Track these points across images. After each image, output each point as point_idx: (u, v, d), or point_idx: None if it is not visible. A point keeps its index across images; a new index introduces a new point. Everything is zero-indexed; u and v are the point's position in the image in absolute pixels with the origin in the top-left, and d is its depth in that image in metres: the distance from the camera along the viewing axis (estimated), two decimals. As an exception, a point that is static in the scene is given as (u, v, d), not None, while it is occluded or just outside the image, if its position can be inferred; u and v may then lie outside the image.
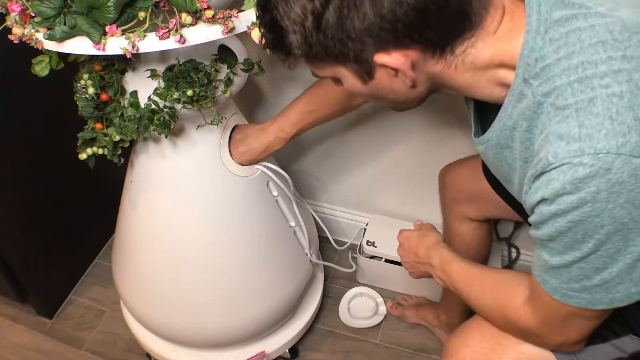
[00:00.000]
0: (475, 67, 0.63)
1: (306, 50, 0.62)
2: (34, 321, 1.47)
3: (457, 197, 1.14)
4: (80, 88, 0.89)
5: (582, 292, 0.63)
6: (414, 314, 1.42)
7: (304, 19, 0.59)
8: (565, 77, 0.57)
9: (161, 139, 0.96)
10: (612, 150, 0.53)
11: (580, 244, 0.59)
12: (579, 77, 0.56)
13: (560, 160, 0.55)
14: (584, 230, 0.57)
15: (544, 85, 0.58)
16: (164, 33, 0.72)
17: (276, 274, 1.14)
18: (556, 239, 0.60)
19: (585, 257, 0.60)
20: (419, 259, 0.92)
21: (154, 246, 1.07)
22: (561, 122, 0.56)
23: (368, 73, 0.64)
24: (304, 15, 0.59)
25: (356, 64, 0.63)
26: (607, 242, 0.58)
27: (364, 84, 0.66)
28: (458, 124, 1.25)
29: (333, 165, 1.47)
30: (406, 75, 0.62)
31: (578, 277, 0.62)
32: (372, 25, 0.57)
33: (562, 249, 0.61)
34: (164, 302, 1.11)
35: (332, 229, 1.60)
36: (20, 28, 0.76)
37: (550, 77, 0.58)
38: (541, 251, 0.64)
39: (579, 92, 0.56)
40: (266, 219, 1.09)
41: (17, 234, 1.31)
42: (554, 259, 0.62)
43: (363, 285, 1.52)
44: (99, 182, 1.47)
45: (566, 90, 0.57)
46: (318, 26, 0.59)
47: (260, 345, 1.26)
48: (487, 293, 0.79)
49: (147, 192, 1.03)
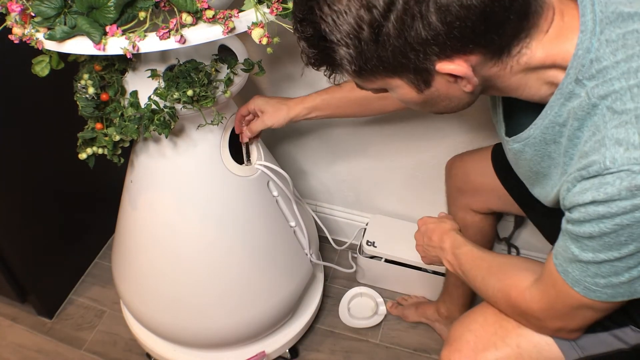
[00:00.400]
0: (528, 67, 0.61)
1: (360, 64, 0.58)
2: (34, 321, 1.47)
3: (462, 188, 1.14)
4: (81, 88, 0.89)
5: (605, 288, 0.63)
6: (414, 312, 1.43)
7: (359, 31, 0.55)
8: (624, 81, 0.56)
9: (161, 139, 0.96)
10: None
11: (621, 245, 0.59)
12: (639, 81, 0.55)
13: (619, 166, 0.55)
14: (629, 233, 0.57)
15: (601, 87, 0.57)
16: (164, 33, 0.72)
17: (276, 273, 1.14)
18: (596, 238, 0.59)
19: (622, 258, 0.60)
20: (431, 242, 0.93)
21: (154, 246, 1.07)
22: (619, 128, 0.55)
23: (425, 82, 0.61)
24: (358, 27, 0.54)
25: (414, 75, 0.60)
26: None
27: (418, 93, 0.63)
28: (458, 124, 1.25)
29: (333, 165, 1.47)
30: (470, 81, 0.60)
31: (607, 273, 0.62)
32: (438, 34, 0.54)
33: (599, 248, 0.60)
34: (164, 302, 1.11)
35: (332, 229, 1.60)
36: (20, 28, 0.76)
37: (608, 80, 0.57)
38: (571, 244, 0.63)
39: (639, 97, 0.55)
40: (266, 219, 1.09)
41: (17, 234, 1.31)
42: (586, 255, 0.62)
43: (363, 286, 1.52)
44: (99, 182, 1.47)
45: (625, 94, 0.56)
46: (376, 39, 0.55)
47: (260, 345, 1.26)
48: (494, 274, 0.79)
49: (147, 192, 1.03)
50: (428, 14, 0.53)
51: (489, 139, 1.23)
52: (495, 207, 1.12)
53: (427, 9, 0.53)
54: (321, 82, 1.26)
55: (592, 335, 0.77)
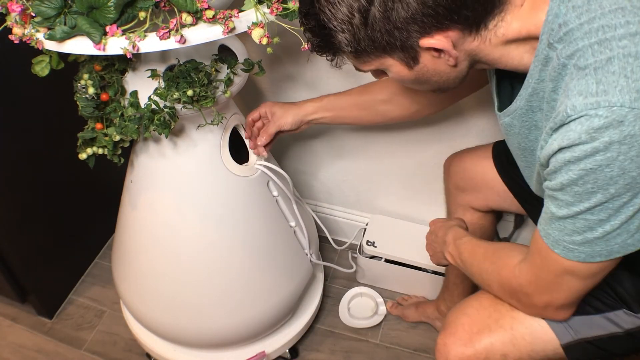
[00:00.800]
0: (506, 40, 0.67)
1: (355, 46, 0.67)
2: (34, 321, 1.47)
3: (461, 185, 1.15)
4: (81, 88, 0.89)
5: (582, 245, 0.66)
6: (414, 311, 1.43)
7: (351, 17, 0.64)
8: (586, 40, 0.61)
9: (161, 139, 0.96)
10: (625, 104, 0.57)
11: (589, 194, 0.62)
12: (599, 39, 0.60)
13: (578, 112, 0.59)
14: (594, 179, 0.61)
15: (567, 48, 0.62)
16: (164, 33, 0.72)
17: (276, 274, 1.14)
18: (567, 187, 0.63)
19: (592, 208, 0.63)
20: (437, 238, 0.99)
21: (154, 246, 1.07)
22: (580, 80, 0.60)
23: (414, 58, 0.69)
24: (350, 14, 0.64)
25: (402, 52, 0.68)
26: (615, 194, 0.61)
27: (409, 70, 0.71)
28: (458, 124, 1.25)
29: (333, 165, 1.47)
30: (450, 54, 0.67)
31: (582, 228, 0.65)
32: (416, 13, 0.62)
33: (570, 200, 0.64)
34: (164, 302, 1.11)
35: (332, 229, 1.60)
36: (20, 28, 0.76)
37: (573, 40, 0.62)
38: (550, 204, 0.68)
39: (598, 52, 0.60)
40: (266, 219, 1.09)
41: (17, 234, 1.31)
42: (562, 211, 0.65)
43: (363, 285, 1.52)
44: (99, 182, 1.47)
45: (587, 51, 0.60)
46: (365, 22, 0.64)
47: (260, 345, 1.26)
48: (488, 258, 0.84)
49: (147, 192, 1.03)
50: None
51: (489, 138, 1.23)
52: (495, 205, 1.12)
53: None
54: (321, 82, 1.26)
55: (585, 318, 0.80)
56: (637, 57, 0.59)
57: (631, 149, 0.58)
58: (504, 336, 0.82)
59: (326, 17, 0.65)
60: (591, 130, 0.58)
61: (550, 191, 0.67)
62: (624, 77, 0.58)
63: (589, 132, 0.58)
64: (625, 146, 0.58)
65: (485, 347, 0.83)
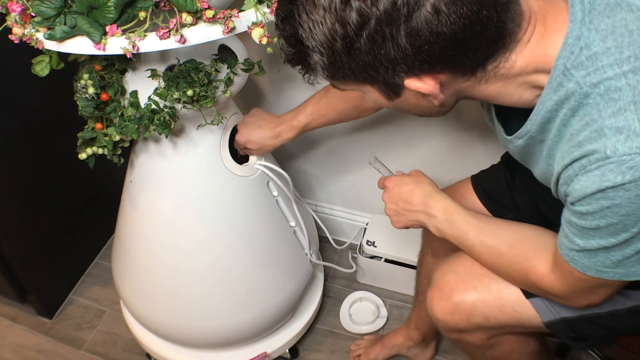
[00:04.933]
0: (506, 77, 0.62)
1: (333, 72, 0.60)
2: (34, 321, 1.47)
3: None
4: (80, 88, 0.89)
5: (617, 268, 0.63)
6: (381, 349, 1.32)
7: (332, 42, 0.56)
8: (617, 68, 0.56)
9: (161, 139, 0.96)
10: None
11: (626, 232, 0.59)
12: (633, 67, 0.55)
13: (620, 155, 0.54)
14: (635, 220, 0.57)
15: (593, 75, 0.57)
16: (164, 33, 0.72)
17: (276, 274, 1.14)
18: (603, 228, 0.60)
19: (628, 241, 0.60)
20: (411, 206, 0.87)
21: (153, 246, 1.07)
22: (618, 116, 0.55)
23: (395, 93, 0.63)
24: (332, 39, 0.56)
25: (385, 86, 0.62)
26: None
27: (388, 101, 0.66)
28: (458, 122, 1.25)
29: (333, 165, 1.47)
30: (436, 98, 0.62)
31: (616, 257, 0.62)
32: (406, 56, 0.56)
33: (606, 236, 0.60)
34: (163, 302, 1.11)
35: (332, 229, 1.60)
36: (20, 28, 0.76)
37: (600, 67, 0.56)
38: (575, 237, 0.64)
39: (635, 83, 0.55)
40: (266, 219, 1.09)
41: (17, 234, 1.31)
42: (592, 243, 0.62)
43: (363, 285, 1.52)
44: (99, 182, 1.47)
45: (620, 80, 0.55)
46: (348, 51, 0.57)
47: (260, 346, 1.26)
48: (506, 252, 0.78)
49: (147, 192, 1.03)
50: (398, 36, 0.55)
51: (486, 135, 1.23)
52: None
53: (398, 31, 0.54)
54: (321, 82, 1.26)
55: None
56: None
57: None
58: (491, 300, 0.81)
59: (305, 33, 0.58)
60: (637, 179, 0.54)
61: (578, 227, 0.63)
62: None
63: (635, 180, 0.54)
64: None
65: (469, 306, 0.81)
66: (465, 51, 0.57)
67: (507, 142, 0.75)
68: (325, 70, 0.60)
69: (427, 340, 1.30)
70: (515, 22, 0.58)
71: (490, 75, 0.62)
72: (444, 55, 0.56)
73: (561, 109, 0.61)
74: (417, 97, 0.63)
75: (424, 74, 0.59)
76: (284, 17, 0.60)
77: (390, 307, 1.48)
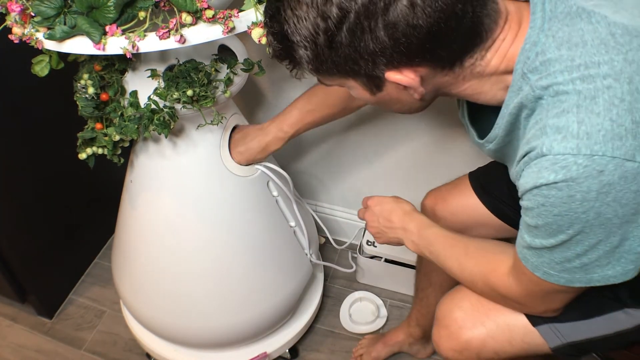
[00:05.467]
0: (482, 75, 0.64)
1: (317, 65, 0.63)
2: (34, 321, 1.47)
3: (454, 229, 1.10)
4: (80, 88, 0.89)
5: (561, 272, 0.65)
6: (382, 347, 1.33)
7: (315, 36, 0.59)
8: (567, 74, 0.58)
9: (161, 139, 0.96)
10: (607, 153, 0.55)
11: (564, 233, 0.61)
12: (581, 74, 0.57)
13: (554, 153, 0.56)
14: (569, 222, 0.59)
15: (544, 79, 0.59)
16: (164, 33, 0.72)
17: (276, 274, 1.14)
18: (541, 227, 0.62)
19: (567, 243, 0.62)
20: (391, 224, 0.91)
21: (153, 246, 1.07)
22: (560, 116, 0.57)
23: (377, 86, 0.65)
24: (315, 33, 0.59)
25: (367, 79, 0.64)
26: (590, 233, 0.60)
27: (371, 95, 0.67)
28: (457, 125, 1.25)
29: (333, 165, 1.47)
30: (416, 90, 0.64)
31: (559, 259, 0.64)
32: (385, 48, 0.58)
33: (545, 235, 0.63)
34: (163, 302, 1.11)
35: (332, 229, 1.60)
36: (20, 28, 0.76)
37: (552, 73, 0.59)
38: (524, 232, 0.66)
39: (582, 89, 0.57)
40: (266, 219, 1.09)
41: (17, 234, 1.31)
42: (536, 242, 0.64)
43: (363, 285, 1.52)
44: (99, 182, 1.47)
45: (567, 85, 0.57)
46: (330, 45, 0.59)
47: (260, 346, 1.26)
48: (472, 257, 0.80)
49: (147, 192, 1.03)
50: (376, 29, 0.57)
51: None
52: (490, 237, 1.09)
53: (376, 24, 0.56)
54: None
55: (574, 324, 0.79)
56: (622, 99, 0.56)
57: (608, 196, 0.56)
58: (500, 334, 0.80)
59: (290, 29, 0.60)
60: (569, 179, 0.56)
61: (524, 222, 0.65)
62: (609, 120, 0.55)
63: (566, 180, 0.56)
64: (603, 194, 0.56)
65: (478, 343, 0.81)
66: (441, 44, 0.58)
67: (480, 145, 0.76)
68: (310, 64, 0.63)
69: (428, 337, 1.29)
70: (491, 19, 0.61)
71: (468, 72, 0.64)
72: (421, 48, 0.58)
73: (521, 112, 0.63)
74: (399, 91, 0.65)
75: (403, 67, 0.60)
76: (271, 14, 0.63)
77: (390, 307, 1.48)
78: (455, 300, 0.85)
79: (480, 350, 0.82)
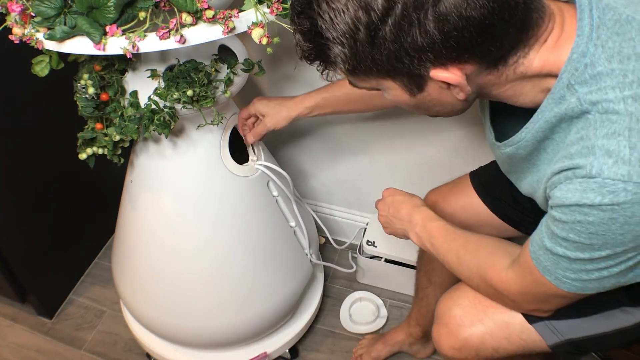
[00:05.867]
0: (524, 76, 0.61)
1: (354, 64, 0.58)
2: (34, 321, 1.47)
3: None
4: (80, 88, 0.89)
5: (575, 281, 0.64)
6: (382, 347, 1.32)
7: (355, 31, 0.54)
8: (619, 91, 0.55)
9: (161, 139, 0.96)
10: None
11: (594, 250, 0.59)
12: (634, 93, 0.55)
13: (604, 177, 0.55)
14: (603, 241, 0.58)
15: (594, 94, 0.57)
16: (164, 33, 0.72)
17: (276, 274, 1.14)
18: (571, 240, 0.60)
19: (593, 260, 0.60)
20: (399, 215, 0.91)
21: (153, 246, 1.07)
22: (611, 138, 0.55)
23: (418, 86, 0.61)
24: (355, 28, 0.54)
25: (408, 78, 0.60)
26: (621, 253, 0.59)
27: (411, 97, 0.64)
28: (458, 124, 1.25)
29: (333, 165, 1.47)
30: (462, 89, 0.60)
31: (577, 270, 0.63)
32: (434, 42, 0.54)
33: (573, 248, 0.61)
34: (164, 302, 1.11)
35: (332, 229, 1.60)
36: (20, 28, 0.76)
37: (602, 88, 0.56)
38: (546, 239, 0.64)
39: (634, 110, 0.54)
40: (266, 219, 1.09)
41: (17, 234, 1.31)
42: (559, 250, 0.63)
43: (363, 285, 1.52)
44: (99, 182, 1.47)
45: (619, 104, 0.55)
46: (372, 41, 0.55)
47: (260, 346, 1.26)
48: (471, 251, 0.80)
49: (147, 192, 1.03)
50: (426, 22, 0.53)
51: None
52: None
53: (426, 16, 0.52)
54: (321, 82, 1.26)
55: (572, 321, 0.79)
56: None
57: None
58: (498, 331, 0.81)
59: (325, 24, 0.55)
60: (615, 204, 0.54)
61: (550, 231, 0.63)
62: None
63: (612, 204, 0.54)
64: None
65: (477, 340, 0.81)
66: (492, 38, 0.55)
67: (496, 147, 0.75)
68: (346, 63, 0.58)
69: (428, 336, 1.30)
70: (539, 14, 0.58)
71: (511, 71, 0.60)
72: (472, 43, 0.54)
73: (560, 123, 0.61)
74: (441, 91, 0.61)
75: (450, 64, 0.57)
76: (300, 10, 0.58)
77: (390, 307, 1.48)
78: (454, 298, 0.85)
79: (479, 347, 0.82)
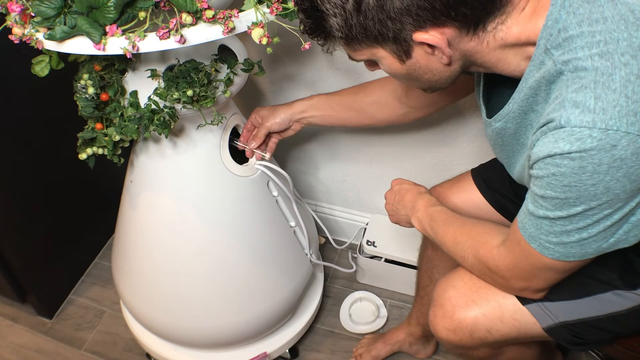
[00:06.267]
0: (504, 43, 0.66)
1: (346, 32, 0.66)
2: (34, 321, 1.47)
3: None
4: (80, 88, 0.89)
5: (557, 245, 0.67)
6: (382, 346, 1.33)
7: (344, 2, 0.63)
8: (587, 50, 0.59)
9: (161, 139, 0.96)
10: (621, 128, 0.57)
11: (570, 206, 0.62)
12: (600, 50, 0.59)
13: (572, 125, 0.58)
14: (577, 194, 0.61)
15: (566, 54, 0.61)
16: (164, 33, 0.72)
17: (276, 274, 1.14)
18: (548, 197, 0.63)
19: (571, 217, 0.63)
20: (403, 202, 0.98)
21: (153, 246, 1.07)
22: (578, 92, 0.59)
23: (406, 52, 0.67)
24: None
25: (395, 44, 0.66)
26: (596, 208, 0.62)
27: (401, 64, 0.69)
28: (458, 124, 1.25)
29: (333, 165, 1.48)
30: (443, 52, 0.66)
31: (558, 232, 0.66)
32: (411, 5, 0.61)
33: (550, 206, 0.64)
34: (164, 302, 1.11)
35: (332, 229, 1.60)
36: (20, 28, 0.76)
37: (573, 49, 0.60)
38: (530, 201, 0.68)
39: (600, 65, 0.58)
40: (266, 219, 1.09)
41: (17, 234, 1.31)
42: (540, 212, 0.66)
43: (363, 285, 1.52)
44: (99, 182, 1.47)
45: (586, 61, 0.59)
46: (358, 8, 0.63)
47: (260, 346, 1.26)
48: (466, 232, 0.83)
49: (147, 192, 1.03)
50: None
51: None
52: None
53: None
54: (321, 82, 1.26)
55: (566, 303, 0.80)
56: (638, 77, 0.57)
57: (619, 171, 0.58)
58: (491, 312, 0.82)
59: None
60: (582, 151, 0.58)
61: (531, 192, 0.67)
62: (624, 96, 0.57)
63: (579, 151, 0.58)
64: (614, 169, 0.58)
65: (471, 321, 0.83)
66: (465, 1, 0.61)
67: (487, 125, 0.79)
68: (340, 32, 0.66)
69: (429, 336, 1.30)
70: None
71: (491, 37, 0.65)
72: (445, 5, 0.60)
73: (540, 87, 0.65)
74: (427, 57, 0.67)
75: (430, 27, 0.63)
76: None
77: (390, 307, 1.49)
78: (449, 280, 0.87)
79: (473, 328, 0.83)
